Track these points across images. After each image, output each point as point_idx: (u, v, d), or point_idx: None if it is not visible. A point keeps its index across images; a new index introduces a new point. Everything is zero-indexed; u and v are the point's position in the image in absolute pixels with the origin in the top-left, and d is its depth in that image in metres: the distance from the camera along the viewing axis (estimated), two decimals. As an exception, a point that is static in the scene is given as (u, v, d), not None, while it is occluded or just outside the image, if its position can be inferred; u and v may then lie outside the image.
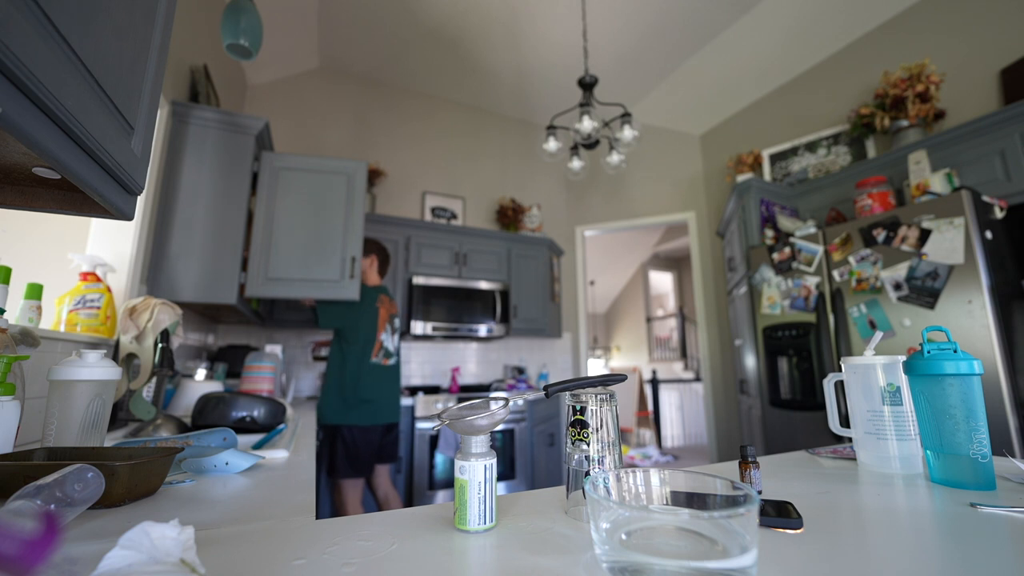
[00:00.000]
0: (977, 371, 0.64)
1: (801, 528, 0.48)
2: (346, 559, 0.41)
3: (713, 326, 3.76)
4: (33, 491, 0.41)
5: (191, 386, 1.68)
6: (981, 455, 0.62)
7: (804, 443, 2.25)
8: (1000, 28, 2.29)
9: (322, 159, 2.55)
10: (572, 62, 3.33)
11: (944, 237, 1.83)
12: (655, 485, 0.45)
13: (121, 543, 0.33)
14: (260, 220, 2.35)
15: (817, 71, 3.15)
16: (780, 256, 2.44)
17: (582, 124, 2.49)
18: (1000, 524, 0.49)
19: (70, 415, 0.76)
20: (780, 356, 2.43)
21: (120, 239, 1.75)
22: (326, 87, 3.65)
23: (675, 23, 3.00)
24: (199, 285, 1.99)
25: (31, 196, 0.72)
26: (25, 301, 1.15)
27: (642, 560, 0.35)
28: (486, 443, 0.50)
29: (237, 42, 1.69)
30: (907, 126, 2.42)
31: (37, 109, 0.48)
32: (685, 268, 7.69)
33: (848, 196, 2.52)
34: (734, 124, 3.73)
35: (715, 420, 3.70)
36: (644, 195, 4.16)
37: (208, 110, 2.09)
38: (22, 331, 0.93)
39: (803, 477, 0.71)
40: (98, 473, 0.48)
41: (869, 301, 2.04)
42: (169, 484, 0.68)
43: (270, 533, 0.47)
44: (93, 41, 0.56)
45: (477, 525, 0.47)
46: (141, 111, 0.73)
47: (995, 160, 2.02)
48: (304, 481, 0.74)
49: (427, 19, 3.10)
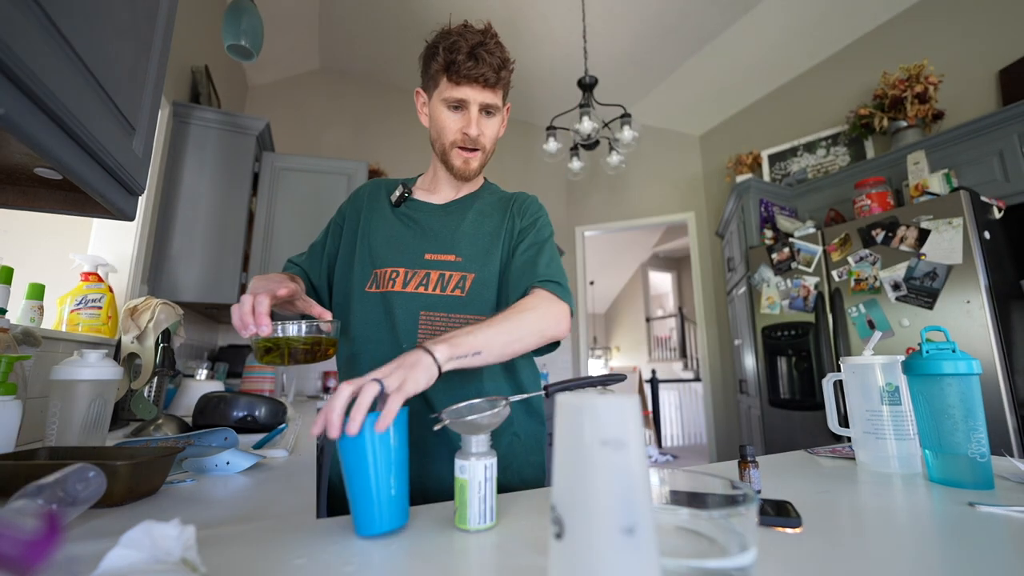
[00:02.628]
0: (975, 371, 0.65)
1: (800, 527, 0.48)
2: (346, 559, 0.41)
3: (712, 326, 3.77)
4: (35, 491, 0.41)
5: (192, 386, 1.68)
6: (979, 454, 0.63)
7: (803, 443, 2.25)
8: (998, 29, 2.29)
9: (322, 160, 2.55)
10: (572, 63, 3.33)
11: (943, 237, 1.83)
12: (654, 484, 0.45)
13: (122, 542, 0.33)
14: (261, 220, 2.35)
15: (816, 72, 3.15)
16: (779, 256, 2.44)
17: (582, 125, 2.49)
18: (998, 523, 0.49)
19: (72, 415, 0.77)
20: (779, 356, 2.43)
21: (121, 239, 1.75)
22: (327, 88, 3.65)
23: (675, 24, 3.00)
24: (200, 285, 2.00)
25: (33, 196, 0.72)
26: (27, 301, 1.15)
27: (641, 559, 0.35)
28: (486, 443, 0.50)
29: (238, 43, 1.70)
30: (906, 127, 2.42)
31: (39, 110, 0.48)
32: (685, 268, 7.69)
33: (847, 196, 2.52)
34: (733, 124, 3.73)
35: (714, 420, 3.70)
36: (644, 195, 4.17)
37: (209, 111, 2.09)
38: (24, 331, 0.93)
39: (802, 477, 0.71)
40: (99, 472, 0.49)
41: (868, 301, 2.04)
42: (170, 483, 0.68)
43: (271, 532, 0.47)
44: (95, 42, 0.56)
45: (477, 524, 0.48)
46: (142, 112, 0.74)
47: (993, 160, 2.02)
48: (305, 481, 0.74)
49: (427, 20, 3.10)
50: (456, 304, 0.81)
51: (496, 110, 0.84)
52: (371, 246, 0.87)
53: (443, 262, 0.83)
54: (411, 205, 0.91)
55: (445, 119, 0.84)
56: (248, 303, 0.61)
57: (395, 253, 0.85)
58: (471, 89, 0.81)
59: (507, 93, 0.88)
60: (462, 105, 0.82)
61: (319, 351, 0.63)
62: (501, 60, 0.81)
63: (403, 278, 0.83)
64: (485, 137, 0.85)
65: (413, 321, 0.80)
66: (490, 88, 0.82)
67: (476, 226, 0.88)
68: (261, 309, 0.60)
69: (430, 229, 0.87)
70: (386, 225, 0.89)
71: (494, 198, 0.94)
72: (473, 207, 0.91)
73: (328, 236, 0.95)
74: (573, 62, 3.10)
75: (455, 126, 0.84)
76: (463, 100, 0.81)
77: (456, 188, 0.93)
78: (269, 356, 0.62)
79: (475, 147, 0.85)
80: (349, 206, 0.95)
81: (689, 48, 3.21)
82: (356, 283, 0.86)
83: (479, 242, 0.86)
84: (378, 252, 0.86)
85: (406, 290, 0.82)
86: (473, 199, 0.92)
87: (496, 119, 0.86)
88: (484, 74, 0.79)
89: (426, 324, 0.80)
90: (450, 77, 0.81)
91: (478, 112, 0.82)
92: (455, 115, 0.83)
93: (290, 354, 0.61)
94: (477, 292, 0.82)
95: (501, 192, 0.97)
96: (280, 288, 0.67)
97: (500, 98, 0.84)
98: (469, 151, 0.85)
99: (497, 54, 0.80)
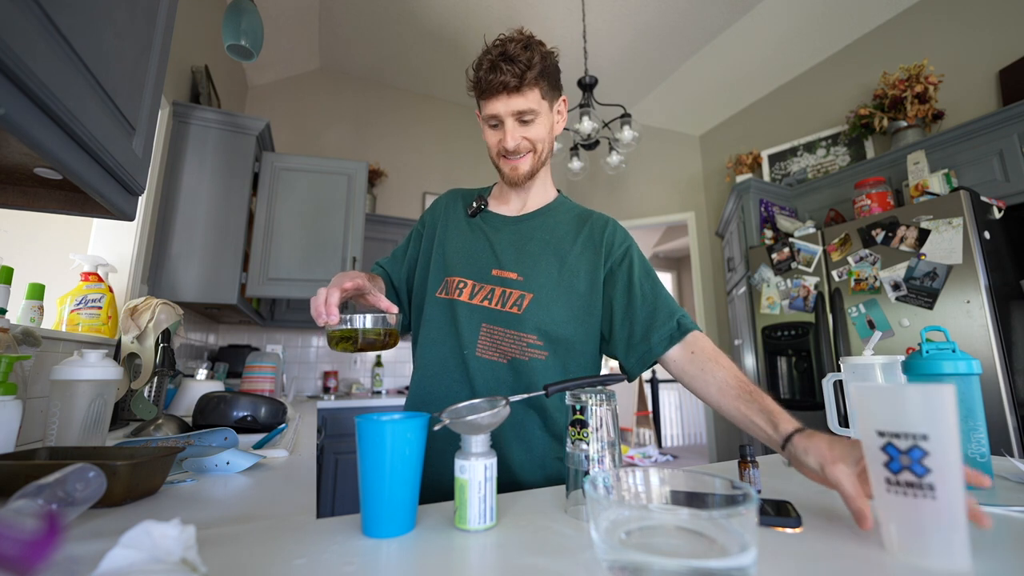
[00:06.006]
0: (975, 371, 0.65)
1: (800, 527, 0.48)
2: (347, 558, 0.41)
3: (712, 326, 3.77)
4: (35, 491, 0.41)
5: (192, 386, 1.68)
6: (979, 454, 0.63)
7: (804, 443, 2.25)
8: (998, 29, 2.29)
9: (323, 160, 2.55)
10: (572, 63, 3.33)
11: (943, 237, 1.83)
12: (655, 484, 0.45)
13: (122, 542, 0.33)
14: (261, 220, 2.35)
15: (816, 72, 3.15)
16: (779, 256, 2.44)
17: (582, 125, 2.50)
18: (998, 523, 0.49)
19: (72, 415, 0.77)
20: (779, 356, 2.43)
21: (121, 239, 1.75)
22: (327, 88, 3.65)
23: (674, 24, 3.00)
24: (200, 285, 2.00)
25: (33, 196, 0.72)
26: (27, 301, 1.15)
27: (642, 559, 0.35)
28: (486, 443, 0.50)
29: (238, 43, 1.70)
30: (906, 127, 2.42)
31: (39, 110, 0.49)
32: (685, 268, 7.68)
33: (847, 196, 2.52)
34: (733, 124, 3.73)
35: (714, 420, 3.70)
36: (644, 195, 4.17)
37: (209, 111, 2.09)
38: (24, 331, 0.93)
39: (802, 477, 0.70)
40: (99, 472, 0.49)
41: (868, 301, 2.05)
42: (170, 483, 0.68)
43: (271, 532, 0.47)
44: (95, 42, 0.56)
45: (477, 524, 0.48)
46: (142, 112, 0.74)
47: (993, 160, 2.02)
48: (305, 480, 0.74)
49: (427, 20, 3.10)
50: (512, 320, 0.84)
51: (533, 113, 0.83)
52: (445, 254, 0.92)
53: (506, 279, 0.86)
54: (485, 216, 0.95)
55: (488, 136, 0.87)
56: (322, 296, 0.66)
57: (466, 264, 0.89)
58: (498, 102, 0.81)
59: (553, 87, 0.87)
60: (497, 120, 0.83)
61: (381, 341, 0.69)
62: (526, 61, 0.80)
63: (470, 290, 0.87)
64: (528, 142, 0.85)
65: (475, 331, 0.85)
66: (518, 93, 0.81)
67: (542, 245, 0.89)
68: (332, 300, 0.66)
69: (499, 244, 0.90)
70: (460, 236, 0.93)
71: (570, 215, 0.94)
72: (543, 225, 0.92)
73: (410, 243, 1.01)
74: (573, 62, 3.10)
75: (494, 140, 0.86)
76: (495, 115, 0.83)
77: (522, 197, 0.94)
78: (341, 344, 0.67)
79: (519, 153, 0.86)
80: (429, 215, 1.00)
81: (689, 48, 3.21)
82: (431, 287, 0.91)
83: (542, 262, 0.87)
84: (451, 261, 0.91)
85: (472, 301, 0.86)
86: (544, 216, 0.93)
87: (539, 122, 0.84)
88: (505, 82, 0.79)
89: (486, 335, 0.84)
90: (480, 95, 0.83)
91: (513, 122, 0.83)
92: (494, 132, 0.86)
93: (357, 341, 0.67)
94: (533, 311, 0.84)
95: (576, 208, 0.97)
96: (347, 281, 0.71)
97: (537, 98, 0.83)
98: (514, 157, 0.86)
99: (522, 57, 0.80)
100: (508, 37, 0.83)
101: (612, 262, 0.87)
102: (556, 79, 0.88)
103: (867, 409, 0.43)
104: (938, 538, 0.39)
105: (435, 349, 0.87)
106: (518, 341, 0.82)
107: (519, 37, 0.83)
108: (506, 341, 0.83)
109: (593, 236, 0.90)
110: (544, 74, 0.83)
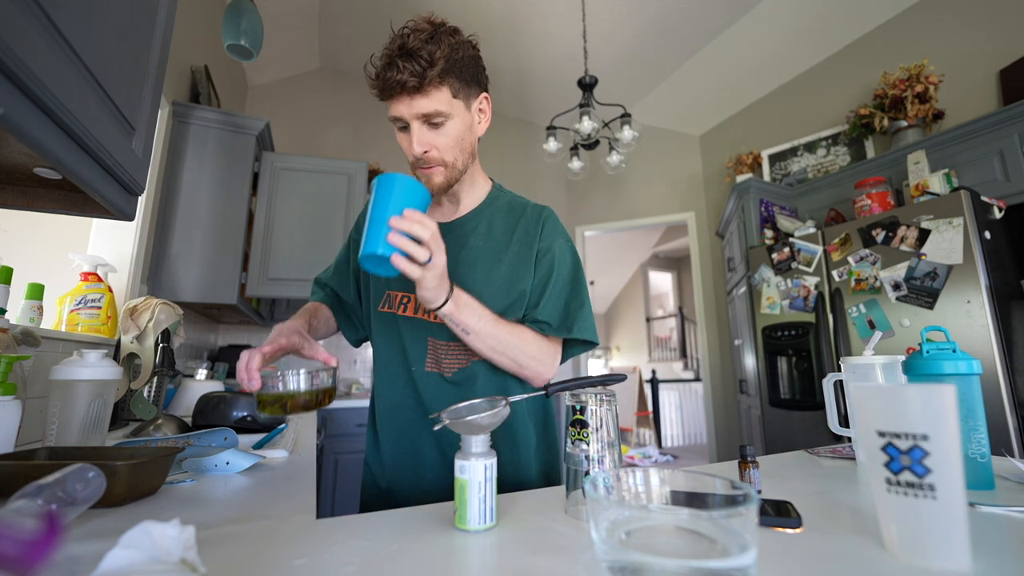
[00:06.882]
0: (976, 371, 0.65)
1: (800, 527, 0.48)
2: (347, 559, 0.41)
3: (713, 326, 3.77)
4: (34, 491, 0.41)
5: (192, 386, 1.68)
6: (980, 455, 0.63)
7: (803, 443, 2.25)
8: (999, 29, 2.29)
9: (323, 159, 2.55)
10: (572, 63, 3.33)
11: (943, 237, 1.83)
12: (655, 485, 0.45)
13: (122, 542, 0.33)
14: (261, 220, 2.35)
15: (816, 71, 3.15)
16: (779, 256, 2.44)
17: (582, 124, 2.49)
18: (999, 524, 0.49)
19: (71, 415, 0.77)
20: (779, 356, 2.43)
21: (121, 239, 1.75)
22: (327, 88, 3.65)
23: (675, 24, 3.00)
24: (200, 285, 2.00)
25: (32, 196, 0.72)
26: (26, 301, 1.15)
27: (642, 559, 0.35)
28: (486, 443, 0.50)
29: (238, 43, 1.70)
30: (906, 127, 2.42)
31: (38, 110, 0.48)
32: (685, 268, 7.69)
33: (847, 196, 2.52)
34: (733, 124, 3.73)
35: (715, 420, 3.70)
36: (644, 195, 4.16)
37: (209, 110, 2.09)
38: (23, 331, 0.93)
39: (802, 477, 0.71)
40: (99, 473, 0.48)
41: (868, 301, 2.04)
42: (170, 484, 0.68)
43: (271, 533, 0.47)
44: (94, 42, 0.56)
45: (477, 525, 0.48)
46: (142, 111, 0.74)
47: (994, 160, 2.02)
48: (304, 480, 0.74)
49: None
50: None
51: (441, 116, 0.72)
52: None
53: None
54: None
55: (399, 140, 0.76)
56: (244, 359, 0.65)
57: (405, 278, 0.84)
58: (400, 103, 0.71)
59: (467, 82, 0.75)
60: (403, 122, 0.73)
61: (316, 400, 0.65)
62: (428, 57, 0.68)
63: (414, 303, 0.82)
64: (437, 151, 0.74)
65: (422, 347, 0.81)
66: (420, 93, 0.70)
67: (478, 251, 0.83)
68: (253, 365, 0.65)
69: None
70: None
71: (504, 211, 0.87)
72: (477, 228, 0.85)
73: (349, 251, 0.95)
74: (573, 62, 3.10)
75: (405, 146, 0.75)
76: (398, 118, 0.73)
77: (454, 202, 0.86)
78: (269, 408, 0.64)
79: (429, 164, 0.76)
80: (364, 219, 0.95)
81: (689, 48, 3.21)
82: (373, 300, 0.87)
83: (478, 268, 0.82)
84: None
85: (417, 315, 0.82)
86: (478, 217, 0.86)
87: (449, 126, 0.74)
88: (403, 81, 0.68)
89: (433, 351, 0.81)
90: (380, 95, 0.72)
91: (420, 126, 0.72)
92: (403, 135, 0.75)
93: (283, 406, 0.64)
94: None
95: (509, 199, 0.89)
96: (277, 340, 0.72)
97: (445, 98, 0.71)
98: (425, 166, 0.76)
99: (423, 52, 0.68)
100: (413, 27, 0.70)
101: (539, 252, 0.83)
102: (473, 73, 0.75)
103: (867, 409, 0.43)
104: (938, 538, 0.39)
105: (385, 366, 0.85)
106: (463, 352, 0.79)
107: (424, 27, 0.70)
108: (450, 355, 0.80)
109: (528, 229, 0.84)
110: (453, 70, 0.71)
